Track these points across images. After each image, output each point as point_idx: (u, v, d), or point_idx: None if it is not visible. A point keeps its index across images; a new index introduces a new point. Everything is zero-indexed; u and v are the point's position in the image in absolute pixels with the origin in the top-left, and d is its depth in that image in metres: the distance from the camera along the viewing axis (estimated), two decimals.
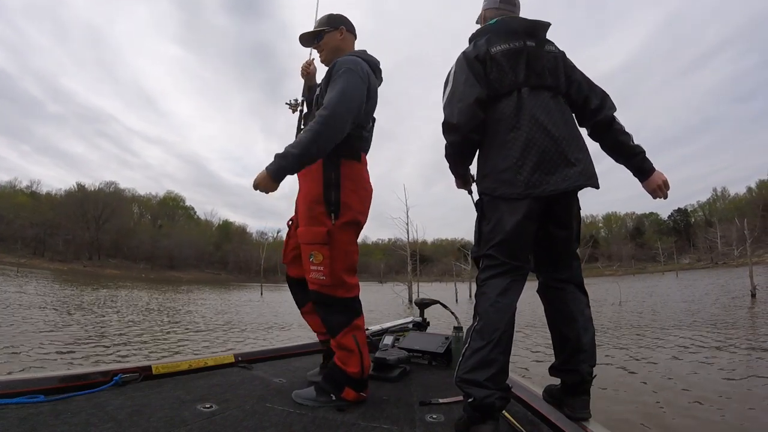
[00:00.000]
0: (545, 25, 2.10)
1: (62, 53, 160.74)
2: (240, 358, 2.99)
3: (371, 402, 2.26)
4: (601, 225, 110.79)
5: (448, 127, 2.05)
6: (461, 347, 1.93)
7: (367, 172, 2.41)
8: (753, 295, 18.08)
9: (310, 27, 2.55)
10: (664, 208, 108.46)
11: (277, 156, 2.03)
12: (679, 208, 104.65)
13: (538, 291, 2.14)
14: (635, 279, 55.40)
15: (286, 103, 2.71)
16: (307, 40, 2.54)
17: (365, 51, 2.50)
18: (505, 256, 1.91)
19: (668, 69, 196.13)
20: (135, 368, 2.47)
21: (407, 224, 29.41)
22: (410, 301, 25.84)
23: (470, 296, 29.37)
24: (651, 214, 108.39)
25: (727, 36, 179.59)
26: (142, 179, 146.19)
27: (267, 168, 2.03)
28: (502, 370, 1.80)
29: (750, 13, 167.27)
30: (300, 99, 2.70)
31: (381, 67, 2.48)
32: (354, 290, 2.29)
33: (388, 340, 3.32)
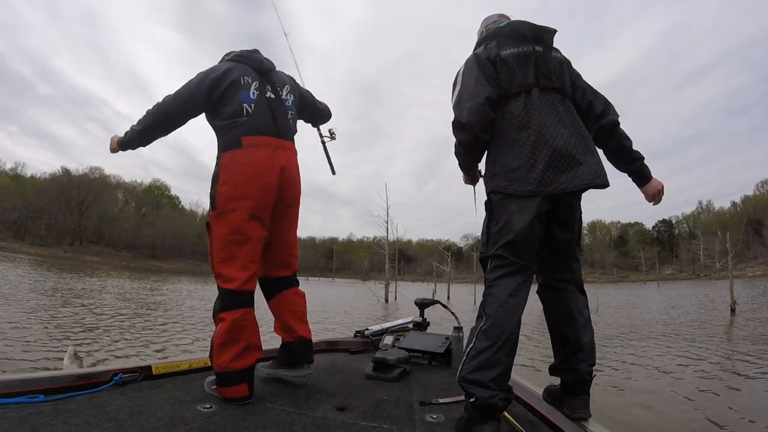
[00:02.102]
0: (552, 32, 2.13)
1: (55, 33, 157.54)
2: None
3: (371, 402, 2.26)
4: (585, 232, 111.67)
5: (458, 127, 2.06)
6: (465, 346, 1.93)
7: (258, 151, 2.39)
8: (732, 311, 17.82)
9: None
10: (648, 219, 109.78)
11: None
12: (663, 219, 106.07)
13: (537, 291, 2.14)
14: (616, 287, 55.98)
15: None
16: None
17: (249, 51, 2.64)
18: (513, 255, 1.91)
19: (663, 81, 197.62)
20: (135, 368, 2.47)
21: (387, 222, 29.16)
22: (386, 300, 25.78)
23: (448, 297, 29.42)
24: (636, 223, 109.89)
25: (724, 52, 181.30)
26: (130, 166, 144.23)
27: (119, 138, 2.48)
28: (506, 371, 1.80)
29: (747, 30, 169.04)
30: None
31: (258, 57, 2.62)
32: (230, 282, 2.28)
33: (388, 340, 3.32)
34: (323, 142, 3.16)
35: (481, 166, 2.25)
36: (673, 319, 15.76)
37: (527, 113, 1.97)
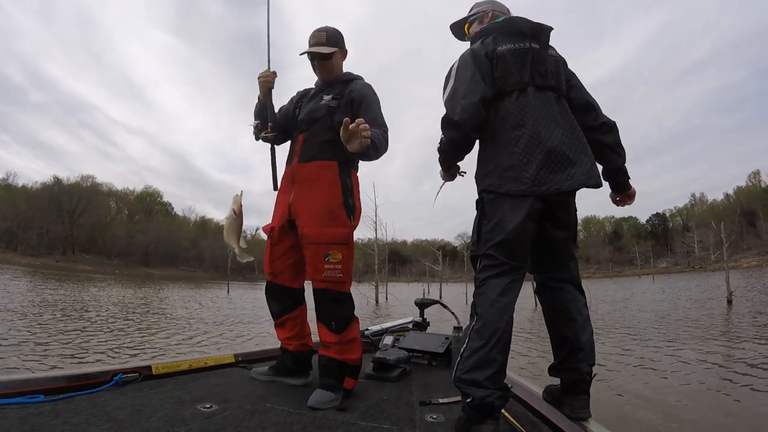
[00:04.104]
0: (549, 29, 2.10)
1: (48, 37, 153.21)
2: (240, 358, 2.99)
3: (371, 402, 2.27)
4: (580, 228, 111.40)
5: (448, 124, 2.04)
6: (460, 347, 1.93)
7: None
8: (729, 302, 17.75)
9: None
10: (642, 213, 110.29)
11: (375, 136, 2.19)
12: (657, 213, 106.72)
13: (535, 291, 2.16)
14: (612, 282, 56.19)
15: (253, 130, 2.65)
16: (322, 56, 2.53)
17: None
18: (504, 256, 1.90)
19: (658, 79, 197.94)
20: (135, 368, 2.46)
21: (375, 223, 28.91)
22: (376, 302, 25.80)
23: (440, 296, 29.55)
24: (629, 218, 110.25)
25: (717, 49, 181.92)
26: (125, 173, 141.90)
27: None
28: (501, 369, 1.80)
29: (741, 27, 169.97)
30: (269, 124, 2.60)
31: None
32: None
33: (388, 340, 3.32)
34: None
35: (464, 165, 2.27)
36: (670, 312, 15.78)
37: (522, 112, 1.95)
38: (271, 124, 2.57)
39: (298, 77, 2.87)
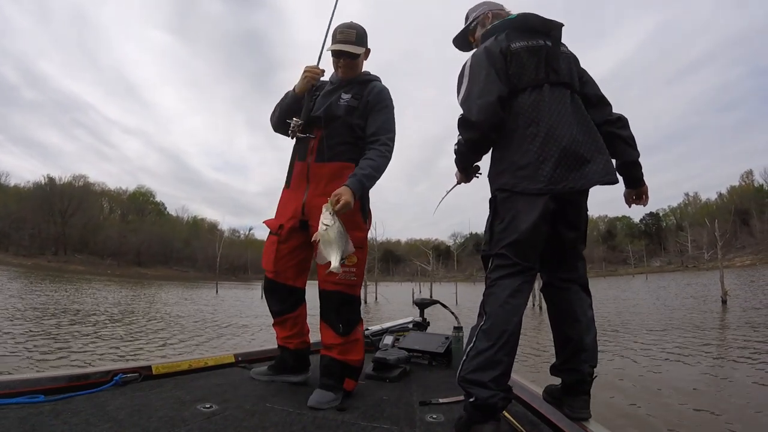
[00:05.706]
0: (560, 26, 2.09)
1: (44, 35, 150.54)
2: (240, 358, 2.98)
3: (371, 402, 2.27)
4: None
5: (466, 125, 2.01)
6: (465, 346, 1.92)
7: None
8: (724, 302, 17.68)
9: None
10: (635, 212, 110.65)
11: (364, 177, 2.23)
12: (650, 212, 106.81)
13: (541, 290, 2.14)
14: (606, 281, 56.35)
15: (291, 127, 2.43)
16: (350, 55, 2.46)
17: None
18: (516, 256, 1.88)
19: (656, 77, 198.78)
20: (135, 368, 2.45)
21: None
22: (365, 301, 25.92)
23: (430, 296, 29.66)
24: (623, 217, 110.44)
25: (713, 49, 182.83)
26: (120, 173, 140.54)
27: (351, 187, 2.15)
28: (506, 372, 1.79)
29: (738, 25, 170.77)
30: (299, 121, 2.44)
31: None
32: None
33: (388, 340, 3.33)
34: None
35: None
36: (666, 312, 15.80)
37: (536, 109, 1.93)
38: (302, 122, 2.44)
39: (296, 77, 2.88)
